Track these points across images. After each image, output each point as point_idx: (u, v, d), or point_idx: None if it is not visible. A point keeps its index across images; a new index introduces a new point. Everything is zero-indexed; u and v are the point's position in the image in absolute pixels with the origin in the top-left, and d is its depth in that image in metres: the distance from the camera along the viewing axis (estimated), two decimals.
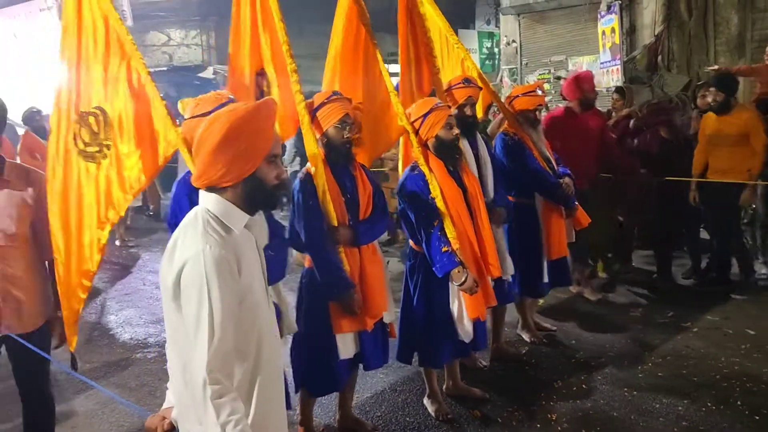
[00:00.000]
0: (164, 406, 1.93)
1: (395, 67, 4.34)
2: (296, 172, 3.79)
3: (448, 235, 3.45)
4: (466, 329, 3.61)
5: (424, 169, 3.51)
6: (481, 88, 4.22)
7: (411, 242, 3.70)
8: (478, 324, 3.72)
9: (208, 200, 1.79)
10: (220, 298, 1.65)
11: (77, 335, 3.14)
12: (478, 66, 15.18)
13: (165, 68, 14.17)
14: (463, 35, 16.54)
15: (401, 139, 3.97)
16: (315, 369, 3.32)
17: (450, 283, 3.50)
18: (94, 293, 6.31)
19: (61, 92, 2.93)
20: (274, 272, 2.76)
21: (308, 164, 3.27)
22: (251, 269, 1.80)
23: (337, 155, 3.27)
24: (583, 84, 5.35)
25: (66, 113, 2.91)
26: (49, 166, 2.96)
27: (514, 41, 11.29)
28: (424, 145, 3.58)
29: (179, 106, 2.84)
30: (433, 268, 3.46)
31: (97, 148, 2.88)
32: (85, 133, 2.89)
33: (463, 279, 3.38)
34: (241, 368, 1.77)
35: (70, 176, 2.94)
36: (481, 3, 17.33)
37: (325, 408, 3.84)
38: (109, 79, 2.85)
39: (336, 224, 3.18)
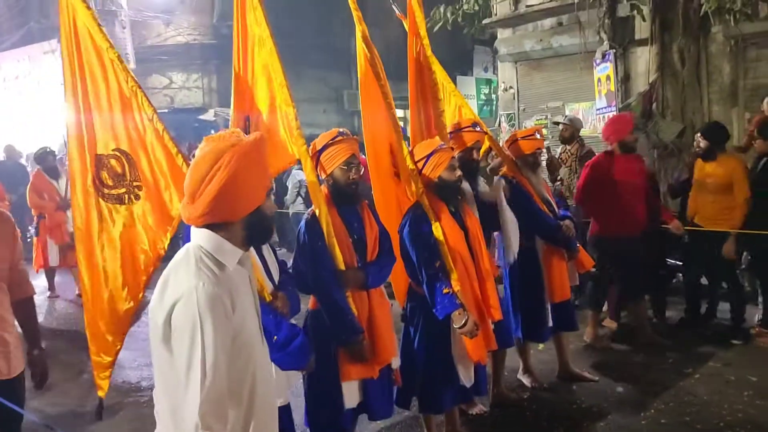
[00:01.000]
0: None
1: (398, 112, 4.39)
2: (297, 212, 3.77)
3: (450, 277, 3.43)
4: (467, 373, 3.56)
5: (427, 210, 3.51)
6: (486, 133, 4.28)
7: (412, 283, 3.68)
8: (479, 368, 3.69)
9: (200, 237, 1.75)
10: (214, 339, 1.60)
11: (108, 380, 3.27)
12: (476, 111, 15.47)
13: (166, 110, 14.31)
14: (461, 81, 16.88)
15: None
16: (321, 416, 3.24)
17: (451, 326, 3.46)
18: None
19: (72, 137, 2.97)
20: (292, 307, 2.82)
21: (312, 206, 3.24)
22: (245, 306, 1.77)
23: (344, 196, 3.24)
24: (622, 126, 5.45)
25: (80, 158, 2.95)
26: (75, 213, 3.05)
27: (511, 87, 11.44)
28: (426, 185, 3.59)
29: None
30: (434, 310, 3.43)
31: (124, 190, 2.91)
32: (106, 176, 2.93)
33: (463, 321, 3.35)
34: (235, 411, 1.72)
35: (92, 220, 2.97)
36: (479, 50, 17.71)
37: None
38: (126, 120, 2.90)
39: (343, 267, 3.12)
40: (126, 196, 2.92)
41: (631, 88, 9.68)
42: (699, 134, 5.82)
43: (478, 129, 4.08)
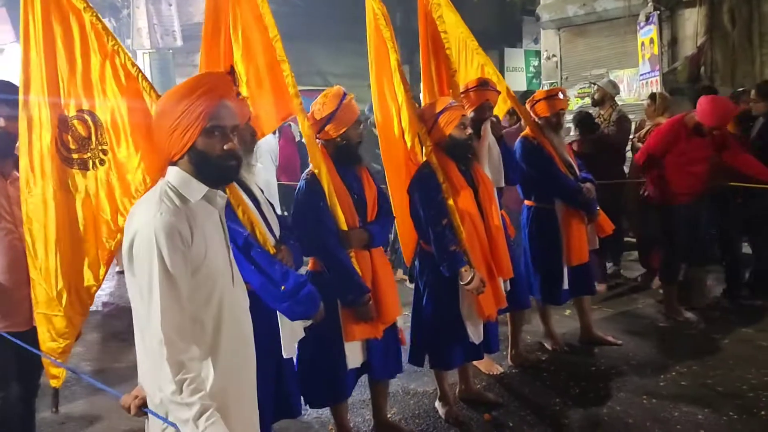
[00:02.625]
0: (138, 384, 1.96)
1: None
2: None
3: (457, 235, 3.45)
4: (476, 331, 3.58)
5: (435, 168, 3.52)
6: (499, 92, 4.23)
7: (421, 242, 3.71)
8: (490, 326, 3.70)
9: (169, 172, 1.88)
10: (171, 262, 1.71)
11: (64, 369, 2.81)
12: (525, 84, 15.10)
13: None
14: (509, 54, 16.58)
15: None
16: (318, 378, 3.20)
17: (459, 283, 3.48)
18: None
19: (30, 99, 2.67)
20: (296, 260, 2.83)
21: (311, 165, 3.20)
22: (208, 241, 1.84)
23: (351, 156, 3.26)
24: (726, 113, 4.92)
25: (38, 120, 2.66)
26: (23, 178, 2.68)
27: (554, 55, 11.19)
28: (436, 143, 3.60)
29: None
30: (441, 267, 3.45)
31: (89, 155, 2.69)
32: (71, 139, 2.68)
33: (469, 278, 3.36)
34: (199, 338, 1.80)
35: (50, 186, 2.66)
36: (528, 21, 17.28)
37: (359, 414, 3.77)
38: (94, 81, 2.68)
39: (345, 227, 3.11)
40: (91, 161, 2.69)
41: (678, 52, 9.34)
42: (754, 92, 5.56)
43: (489, 87, 4.04)
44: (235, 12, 3.11)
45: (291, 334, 2.85)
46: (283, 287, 2.54)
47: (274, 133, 8.06)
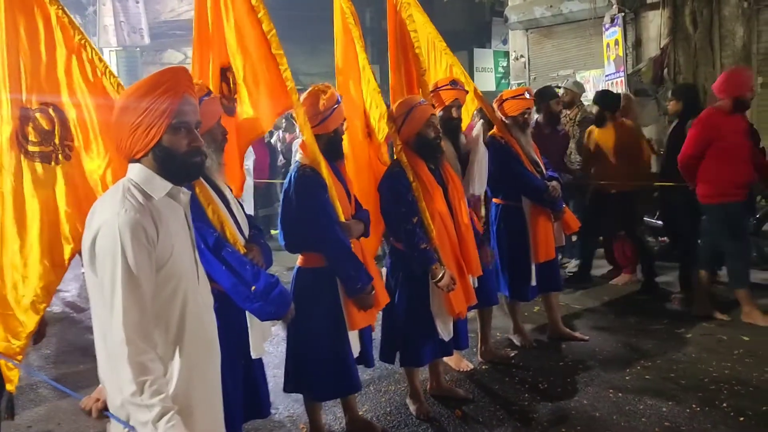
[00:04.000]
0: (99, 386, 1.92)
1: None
2: None
3: (428, 233, 3.48)
4: (446, 328, 3.62)
5: (405, 167, 3.54)
6: (467, 92, 4.27)
7: (392, 240, 3.73)
8: (460, 323, 3.74)
9: (131, 170, 1.84)
10: (135, 260, 1.67)
11: (18, 371, 2.70)
12: (494, 84, 15.18)
13: None
14: (478, 54, 16.71)
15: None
16: (328, 372, 3.19)
17: (429, 281, 3.51)
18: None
19: None
20: (267, 260, 2.80)
21: (302, 157, 3.17)
22: (173, 238, 1.82)
23: (336, 149, 3.29)
24: (743, 80, 4.89)
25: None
26: None
27: (522, 56, 11.33)
28: (405, 142, 3.62)
29: None
30: (411, 265, 3.48)
31: (51, 148, 2.63)
32: (32, 131, 2.61)
33: (440, 275, 3.40)
34: (162, 337, 1.78)
35: (9, 179, 2.60)
36: (497, 22, 17.44)
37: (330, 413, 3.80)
38: (59, 75, 2.65)
39: (343, 218, 3.14)
40: (54, 155, 2.64)
41: (642, 54, 9.52)
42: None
43: (458, 87, 4.09)
44: (227, 6, 3.09)
45: (260, 334, 2.82)
46: (254, 287, 2.52)
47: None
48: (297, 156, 3.26)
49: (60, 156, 2.64)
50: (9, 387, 2.71)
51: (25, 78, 2.63)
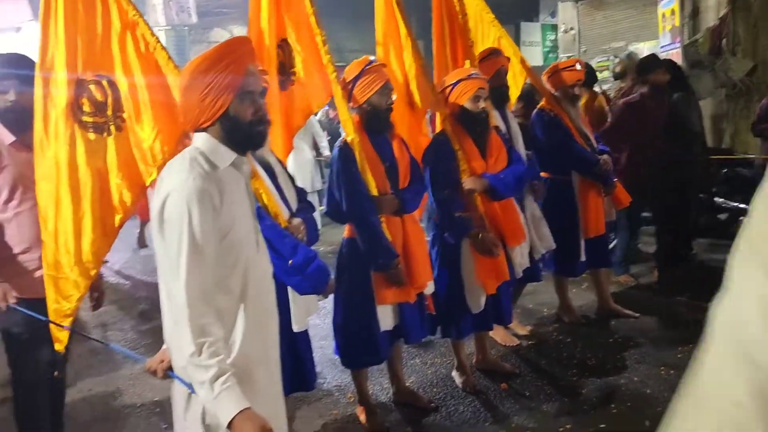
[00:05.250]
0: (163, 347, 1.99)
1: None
2: None
3: (467, 202, 3.48)
4: (476, 301, 3.59)
5: (450, 136, 3.52)
6: (508, 58, 4.20)
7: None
8: (503, 297, 3.70)
9: (197, 139, 1.89)
10: (200, 227, 1.72)
11: (68, 332, 2.77)
12: (541, 59, 14.88)
13: None
14: (525, 28, 16.31)
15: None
16: (355, 341, 3.29)
17: (462, 252, 3.52)
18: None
19: (47, 64, 2.65)
20: (310, 234, 2.83)
21: (344, 133, 3.27)
22: (236, 207, 1.86)
23: (379, 122, 3.25)
24: None
25: (55, 84, 2.65)
26: (36, 141, 2.65)
27: (572, 28, 11.07)
28: (451, 113, 3.58)
29: None
30: (445, 235, 3.47)
31: (104, 120, 2.70)
32: (87, 101, 2.68)
33: (479, 241, 3.39)
34: (225, 302, 1.82)
35: (64, 149, 2.65)
36: None
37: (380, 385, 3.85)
38: (113, 50, 2.71)
39: (377, 193, 3.16)
40: (106, 126, 2.70)
41: (700, 24, 9.18)
42: None
43: (500, 55, 4.04)
44: None
45: (304, 308, 2.85)
46: (291, 261, 2.56)
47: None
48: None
49: (112, 127, 2.71)
50: (58, 347, 2.80)
51: (81, 51, 2.69)
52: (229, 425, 1.67)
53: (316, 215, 3.37)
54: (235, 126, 1.85)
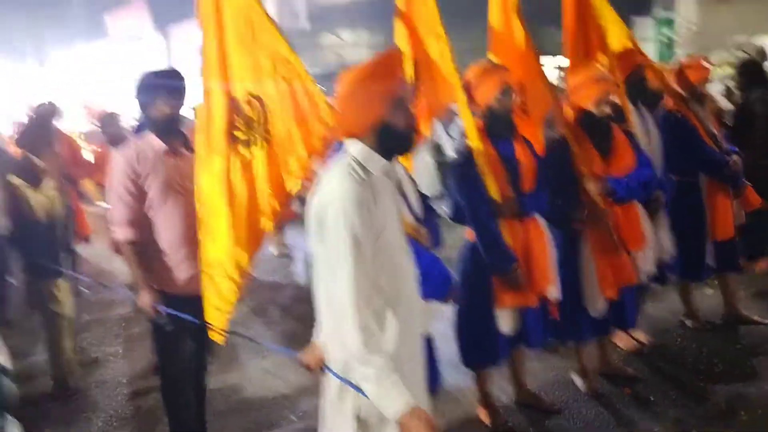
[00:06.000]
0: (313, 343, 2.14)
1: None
2: None
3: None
4: (596, 305, 3.56)
5: (571, 139, 3.49)
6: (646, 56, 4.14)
7: None
8: (626, 302, 3.64)
9: (351, 146, 2.00)
10: (360, 232, 1.84)
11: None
12: (654, 56, 14.23)
13: (336, 67, 15.01)
14: (637, 23, 15.73)
15: None
16: (475, 343, 3.35)
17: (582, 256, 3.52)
18: None
19: (207, 81, 2.90)
20: (434, 239, 2.89)
21: (467, 138, 3.30)
22: (387, 212, 1.97)
23: (500, 126, 3.27)
24: None
25: (214, 101, 2.90)
26: (198, 154, 2.91)
27: (692, 23, 10.59)
28: (575, 115, 3.57)
29: None
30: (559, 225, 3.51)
31: (254, 135, 2.91)
32: (240, 120, 2.91)
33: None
34: (378, 302, 1.92)
35: (221, 162, 2.91)
36: None
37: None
38: (263, 63, 2.88)
39: (498, 197, 3.19)
40: (256, 140, 2.90)
41: None
42: None
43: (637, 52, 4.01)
44: None
45: (426, 313, 2.78)
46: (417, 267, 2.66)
47: None
48: None
49: (261, 141, 2.92)
50: (217, 338, 3.04)
51: (234, 67, 2.93)
52: (397, 420, 1.78)
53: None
54: (390, 134, 1.96)
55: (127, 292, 4.85)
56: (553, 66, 16.75)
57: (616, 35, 4.19)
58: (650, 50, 15.30)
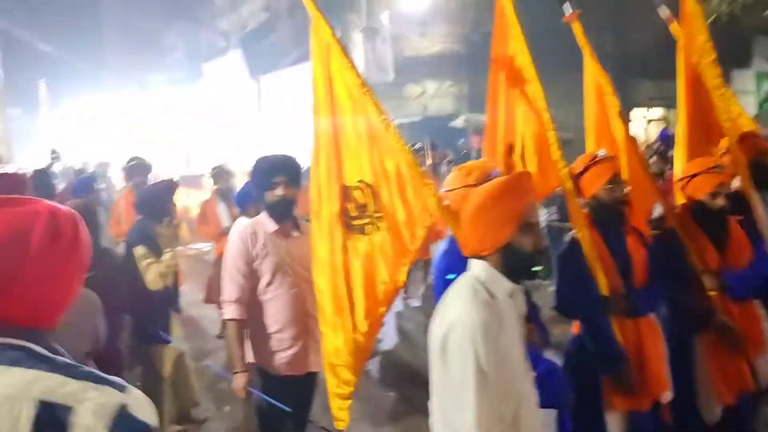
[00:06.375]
0: None
1: (657, 111, 4.08)
2: None
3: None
4: (710, 411, 3.27)
5: (681, 232, 3.28)
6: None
7: None
8: (744, 410, 3.32)
9: (476, 267, 1.93)
10: (486, 359, 1.75)
11: (347, 411, 2.96)
12: (755, 110, 13.59)
13: (419, 118, 15.06)
14: (737, 77, 15.09)
15: None
16: None
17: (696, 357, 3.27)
18: None
19: (320, 164, 2.90)
20: (542, 339, 2.73)
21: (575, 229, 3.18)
22: (511, 337, 1.88)
23: (609, 217, 3.14)
24: None
25: (329, 186, 2.89)
26: (314, 240, 2.94)
27: None
28: (686, 204, 3.37)
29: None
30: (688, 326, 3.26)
31: (366, 221, 2.87)
32: (351, 207, 2.89)
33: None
34: (499, 430, 1.83)
35: (336, 250, 2.89)
36: (759, 40, 15.62)
37: None
38: (371, 151, 2.83)
39: (607, 292, 3.02)
40: (367, 226, 2.88)
41: None
42: None
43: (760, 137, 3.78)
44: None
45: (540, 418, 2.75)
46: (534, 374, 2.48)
47: None
48: None
49: (373, 226, 2.88)
50: (339, 426, 2.95)
51: (345, 156, 2.89)
52: None
53: None
54: (516, 257, 1.88)
55: (224, 373, 4.92)
56: (642, 116, 16.44)
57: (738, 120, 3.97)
58: (751, 103, 14.65)
